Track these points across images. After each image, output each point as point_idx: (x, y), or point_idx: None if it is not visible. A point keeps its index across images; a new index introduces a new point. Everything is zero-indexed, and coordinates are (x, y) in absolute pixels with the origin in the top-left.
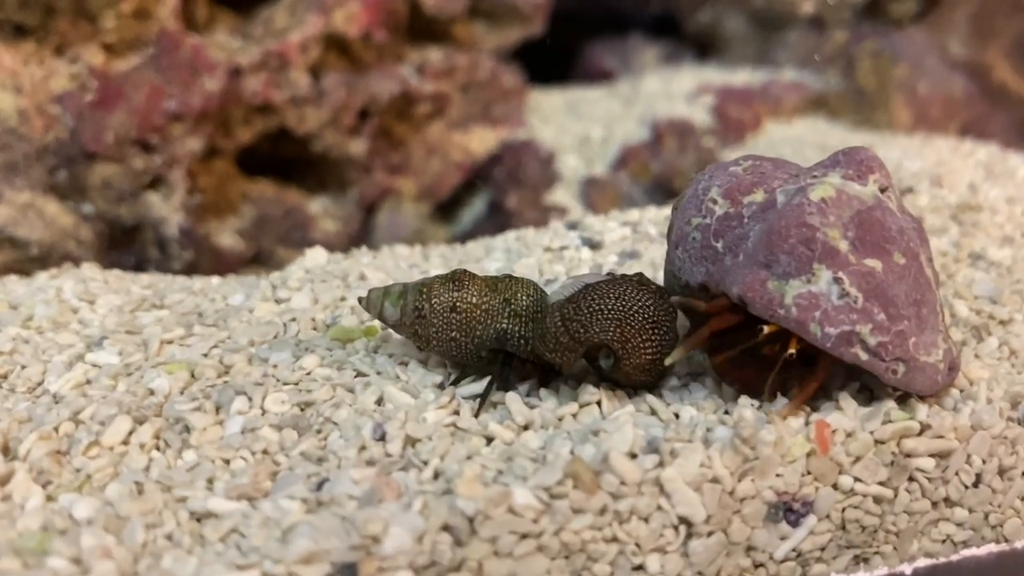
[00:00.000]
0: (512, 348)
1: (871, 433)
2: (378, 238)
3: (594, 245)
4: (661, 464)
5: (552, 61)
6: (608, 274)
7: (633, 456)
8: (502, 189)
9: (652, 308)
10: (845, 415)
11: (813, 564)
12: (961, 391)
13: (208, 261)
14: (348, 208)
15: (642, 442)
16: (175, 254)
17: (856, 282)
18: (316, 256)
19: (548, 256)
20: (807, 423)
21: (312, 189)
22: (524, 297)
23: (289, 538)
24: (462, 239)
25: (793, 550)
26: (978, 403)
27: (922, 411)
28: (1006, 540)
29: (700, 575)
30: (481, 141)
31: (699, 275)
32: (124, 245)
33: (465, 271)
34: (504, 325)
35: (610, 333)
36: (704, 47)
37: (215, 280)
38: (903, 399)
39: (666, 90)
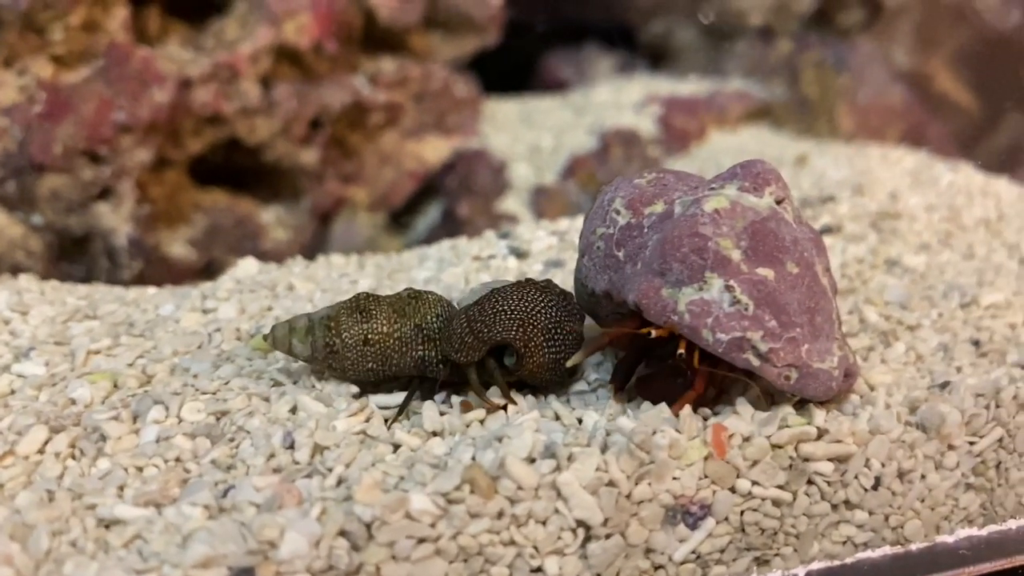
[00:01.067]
0: (432, 374)
1: (767, 438)
2: (333, 248)
3: (520, 254)
4: (558, 468)
5: (513, 72)
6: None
7: (531, 461)
8: (454, 198)
9: (555, 310)
10: (742, 419)
11: (713, 566)
12: (861, 396)
13: (158, 271)
14: (301, 217)
15: (540, 447)
16: (125, 264)
17: (747, 290)
18: (247, 266)
19: (476, 265)
20: (704, 427)
21: (265, 199)
22: (434, 319)
23: (188, 544)
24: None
25: (692, 552)
26: (876, 408)
27: (819, 416)
28: (907, 541)
29: None
30: (435, 150)
31: (603, 283)
32: (74, 256)
33: (368, 295)
34: (420, 353)
35: (512, 333)
36: (657, 57)
37: (151, 290)
38: (801, 404)
39: (616, 100)
